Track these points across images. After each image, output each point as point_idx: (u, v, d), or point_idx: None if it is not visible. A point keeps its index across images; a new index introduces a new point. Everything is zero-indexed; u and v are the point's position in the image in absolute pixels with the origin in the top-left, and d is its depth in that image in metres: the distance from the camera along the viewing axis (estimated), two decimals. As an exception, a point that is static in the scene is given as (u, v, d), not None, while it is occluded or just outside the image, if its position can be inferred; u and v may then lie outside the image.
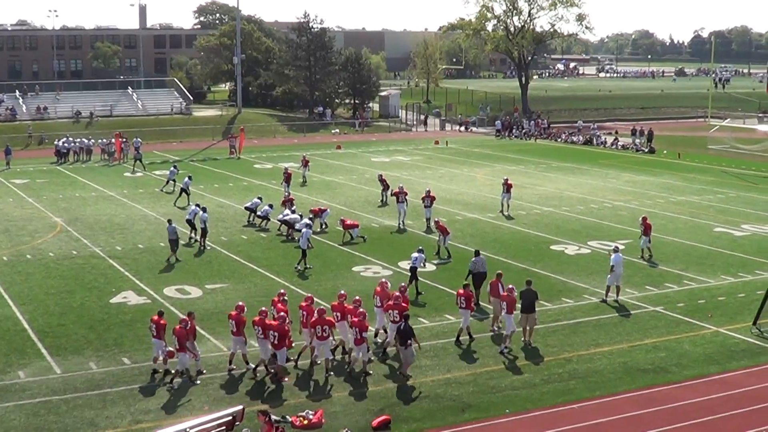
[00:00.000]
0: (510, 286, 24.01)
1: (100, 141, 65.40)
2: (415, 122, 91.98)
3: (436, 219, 35.82)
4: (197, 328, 24.96)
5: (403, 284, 25.05)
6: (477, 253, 28.30)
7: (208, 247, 35.12)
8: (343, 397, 20.49)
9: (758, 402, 20.38)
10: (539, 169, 58.66)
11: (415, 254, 29.13)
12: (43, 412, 19.60)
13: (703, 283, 30.21)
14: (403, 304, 22.73)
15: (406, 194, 39.65)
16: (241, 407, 17.96)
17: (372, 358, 22.39)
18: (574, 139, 76.83)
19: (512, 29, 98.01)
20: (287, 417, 18.58)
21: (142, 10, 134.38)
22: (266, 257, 33.88)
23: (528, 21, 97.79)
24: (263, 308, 22.45)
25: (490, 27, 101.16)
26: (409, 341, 21.26)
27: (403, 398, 20.44)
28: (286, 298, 23.83)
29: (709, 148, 68.01)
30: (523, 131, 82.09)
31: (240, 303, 22.79)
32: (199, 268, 32.29)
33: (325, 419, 18.93)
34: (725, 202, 46.21)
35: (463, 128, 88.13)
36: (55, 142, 65.13)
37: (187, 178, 45.96)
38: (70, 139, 65.32)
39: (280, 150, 70.05)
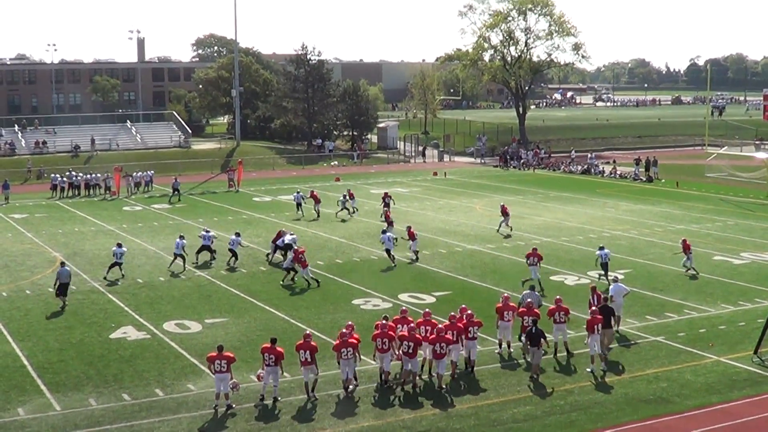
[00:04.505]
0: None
1: (96, 175, 65.53)
2: (413, 153, 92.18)
3: (408, 225, 39.10)
4: (196, 362, 24.99)
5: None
6: (532, 288, 28.01)
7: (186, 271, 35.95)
8: (343, 432, 20.39)
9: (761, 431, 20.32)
10: (537, 199, 58.74)
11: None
12: (43, 450, 19.50)
13: (704, 312, 30.18)
14: (459, 325, 23.80)
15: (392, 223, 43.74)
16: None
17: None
18: (573, 168, 76.99)
19: (509, 59, 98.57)
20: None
21: (141, 44, 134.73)
22: (266, 291, 33.81)
23: (525, 51, 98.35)
24: (345, 329, 22.93)
25: (487, 57, 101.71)
26: (541, 341, 23.47)
27: (404, 432, 20.34)
28: (401, 311, 24.90)
29: (707, 176, 68.19)
30: (521, 161, 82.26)
31: (308, 331, 23.71)
32: (199, 302, 32.23)
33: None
34: (724, 230, 46.23)
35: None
36: (52, 176, 65.10)
37: (296, 192, 51.84)
38: (73, 173, 65.36)
39: (279, 183, 70.17)
